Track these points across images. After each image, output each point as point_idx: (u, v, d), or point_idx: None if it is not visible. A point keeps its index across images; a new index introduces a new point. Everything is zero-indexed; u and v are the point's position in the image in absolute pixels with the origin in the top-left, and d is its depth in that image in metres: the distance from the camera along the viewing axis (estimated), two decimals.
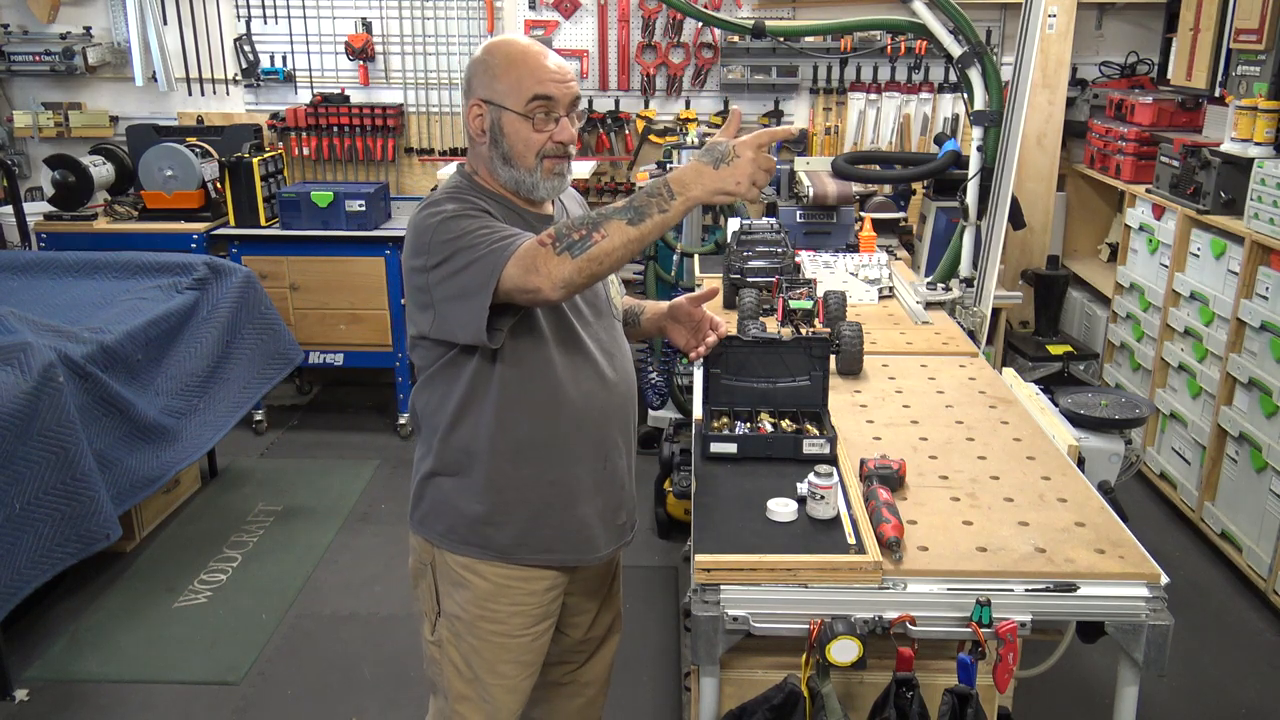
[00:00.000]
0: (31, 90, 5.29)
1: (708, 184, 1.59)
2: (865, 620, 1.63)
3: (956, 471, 2.02)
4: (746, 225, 3.26)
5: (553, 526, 1.90)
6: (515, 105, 1.76)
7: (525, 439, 1.84)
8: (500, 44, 1.81)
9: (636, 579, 3.55)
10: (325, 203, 4.46)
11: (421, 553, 1.97)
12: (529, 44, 1.80)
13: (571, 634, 2.17)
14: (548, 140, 1.79)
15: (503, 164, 1.81)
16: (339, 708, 2.93)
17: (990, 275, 3.05)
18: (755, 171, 1.58)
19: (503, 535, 1.88)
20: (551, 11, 5.07)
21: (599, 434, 1.91)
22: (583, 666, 2.24)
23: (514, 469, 1.85)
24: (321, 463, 4.51)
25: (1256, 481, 3.42)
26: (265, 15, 5.15)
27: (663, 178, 1.61)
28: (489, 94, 1.78)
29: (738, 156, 1.58)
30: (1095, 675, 2.99)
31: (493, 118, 1.79)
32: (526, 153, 1.79)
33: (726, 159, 1.58)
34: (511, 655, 1.96)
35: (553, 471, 1.88)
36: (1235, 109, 3.70)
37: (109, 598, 3.45)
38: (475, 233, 1.69)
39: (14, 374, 2.85)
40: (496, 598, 1.91)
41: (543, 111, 1.77)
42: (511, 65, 1.77)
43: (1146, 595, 1.65)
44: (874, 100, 5.11)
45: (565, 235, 1.61)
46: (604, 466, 1.94)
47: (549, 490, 1.88)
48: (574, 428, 1.87)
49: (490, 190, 1.85)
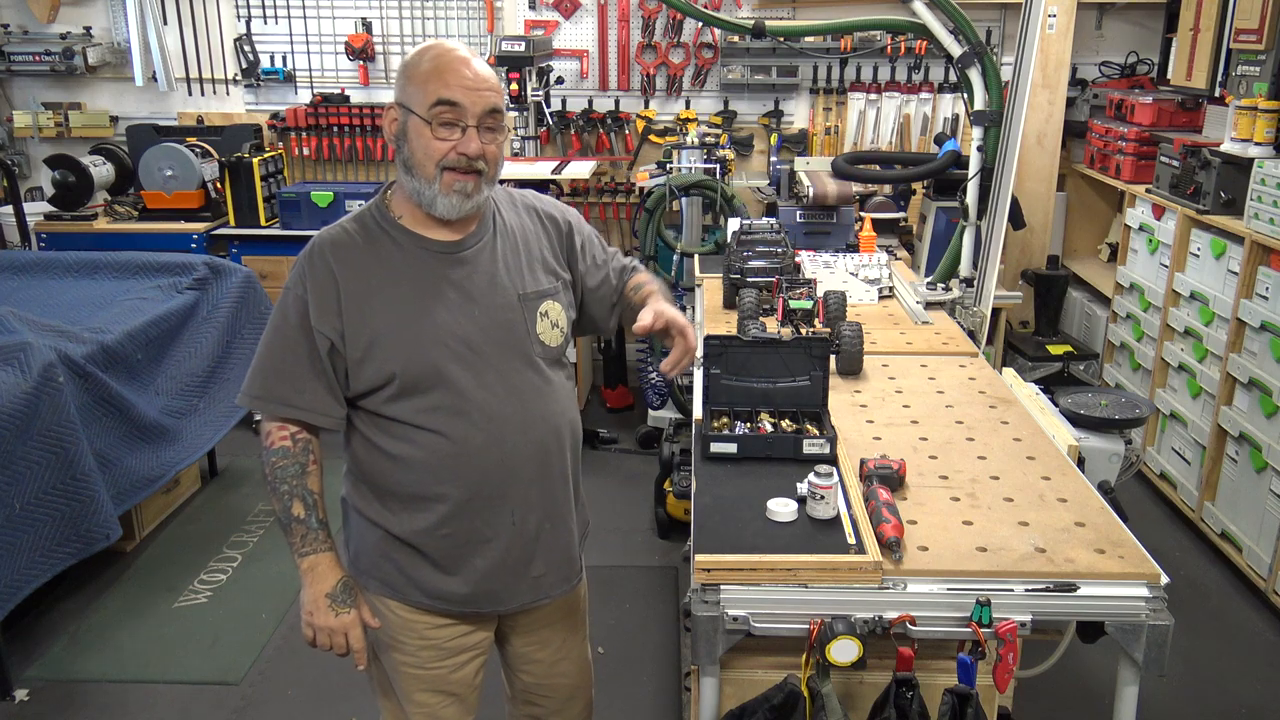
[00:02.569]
0: (31, 90, 5.30)
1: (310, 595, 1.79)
2: (865, 620, 1.63)
3: (956, 471, 2.02)
4: (746, 225, 3.26)
5: (453, 578, 1.81)
6: (419, 109, 1.67)
7: (415, 487, 1.77)
8: (425, 47, 1.71)
9: (636, 579, 3.56)
10: (325, 203, 4.46)
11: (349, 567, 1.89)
12: (453, 48, 1.69)
13: (524, 678, 2.08)
14: (451, 150, 1.67)
15: (405, 172, 1.72)
16: (339, 708, 2.93)
17: (990, 275, 3.05)
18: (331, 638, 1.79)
19: (408, 577, 1.82)
20: (551, 11, 5.07)
21: (503, 487, 1.78)
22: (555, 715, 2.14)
23: (405, 516, 1.79)
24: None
25: (1256, 481, 3.42)
26: (265, 15, 5.15)
27: (310, 552, 1.78)
28: (402, 96, 1.70)
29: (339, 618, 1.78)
30: (1095, 675, 2.99)
31: (402, 121, 1.70)
32: (426, 161, 1.68)
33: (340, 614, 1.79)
34: (426, 685, 1.91)
35: (447, 525, 1.78)
36: (1235, 109, 3.69)
37: (109, 598, 3.45)
38: (275, 339, 1.74)
39: (14, 374, 2.85)
40: (404, 630, 1.86)
41: (448, 118, 1.66)
42: (424, 69, 1.68)
43: (1146, 595, 1.65)
44: (874, 100, 5.11)
45: (271, 466, 1.76)
46: (510, 520, 1.80)
47: (448, 544, 1.79)
48: (465, 481, 1.75)
49: (397, 223, 1.75)
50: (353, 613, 1.78)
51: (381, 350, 1.70)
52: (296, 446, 1.75)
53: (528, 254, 1.86)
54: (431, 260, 1.75)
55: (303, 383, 1.72)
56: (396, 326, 1.71)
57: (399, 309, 1.71)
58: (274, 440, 1.75)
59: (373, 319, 1.70)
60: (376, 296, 1.71)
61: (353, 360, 1.72)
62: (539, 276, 1.85)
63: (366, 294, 1.71)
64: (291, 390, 1.72)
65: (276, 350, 1.74)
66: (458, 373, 1.73)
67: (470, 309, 1.75)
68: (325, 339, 1.70)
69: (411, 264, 1.74)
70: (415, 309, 1.72)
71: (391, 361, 1.70)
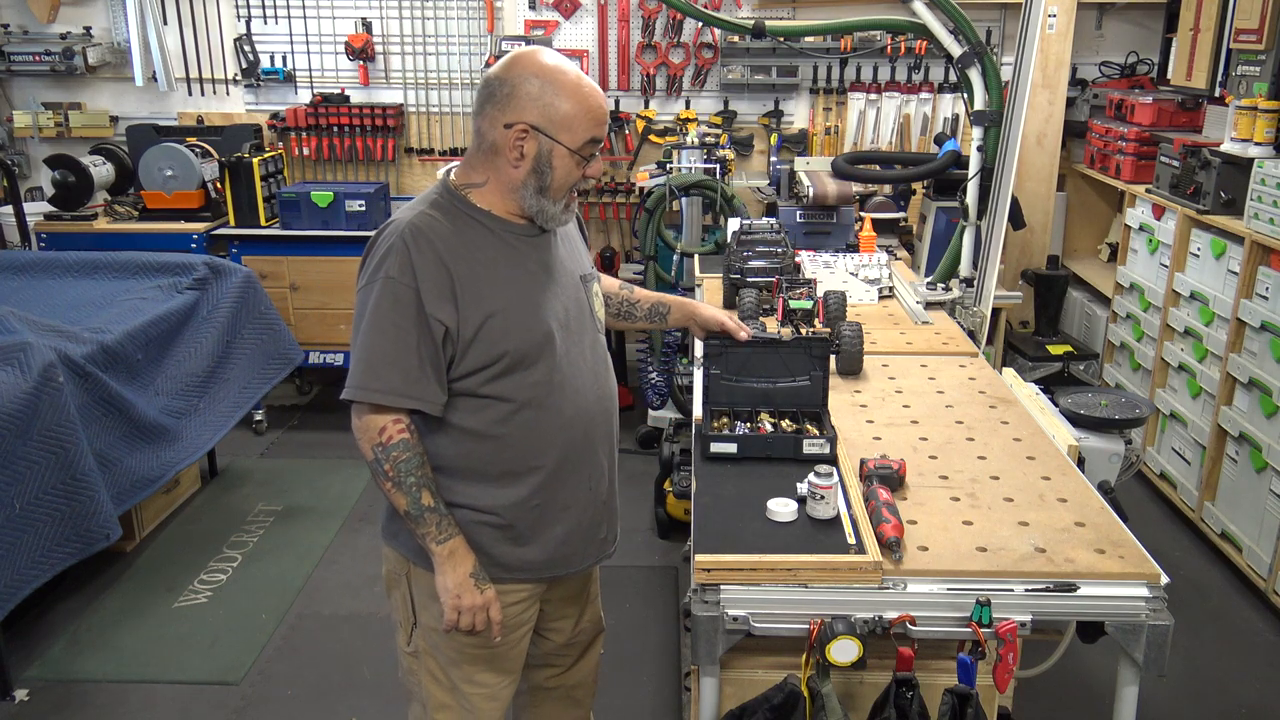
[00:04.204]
0: (31, 90, 5.30)
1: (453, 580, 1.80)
2: (865, 620, 1.63)
3: (956, 471, 2.02)
4: (746, 225, 3.26)
5: (531, 547, 1.88)
6: (570, 143, 1.74)
7: (513, 464, 1.82)
8: (557, 72, 1.73)
9: (636, 579, 3.56)
10: (325, 203, 4.46)
11: (396, 564, 1.94)
12: (583, 77, 1.76)
13: (553, 638, 2.15)
14: (582, 176, 1.80)
15: (535, 193, 1.77)
16: (339, 708, 2.93)
17: (990, 275, 3.05)
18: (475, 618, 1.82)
19: (487, 554, 1.85)
20: (551, 11, 5.07)
21: (584, 454, 1.89)
22: (569, 670, 2.23)
23: (500, 492, 1.83)
24: (321, 463, 4.50)
25: (1256, 481, 3.42)
26: (265, 15, 5.15)
27: (450, 537, 1.79)
28: (543, 124, 1.72)
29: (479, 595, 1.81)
30: (1095, 675, 2.99)
31: (542, 148, 1.74)
32: (563, 187, 1.78)
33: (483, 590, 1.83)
34: (489, 665, 1.96)
35: (538, 496, 1.85)
36: (1235, 109, 3.69)
37: (109, 598, 3.45)
38: (382, 328, 1.72)
39: (14, 374, 2.85)
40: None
41: (592, 152, 1.78)
42: (573, 101, 1.72)
43: (1146, 595, 1.65)
44: (874, 100, 5.11)
45: (391, 459, 1.74)
46: (588, 485, 1.92)
47: (534, 514, 1.86)
48: (557, 450, 1.84)
49: (480, 208, 1.80)
50: (491, 588, 1.84)
51: (494, 330, 1.75)
52: (413, 438, 1.77)
53: (574, 240, 2.00)
54: (518, 243, 1.82)
55: (417, 372, 1.73)
56: (507, 305, 1.76)
57: (507, 289, 1.77)
58: (391, 435, 1.75)
59: (485, 300, 1.75)
60: (484, 278, 1.76)
61: (463, 342, 1.75)
62: (587, 260, 2.01)
63: (475, 277, 1.75)
64: (407, 381, 1.73)
65: (386, 342, 1.72)
66: (557, 347, 1.82)
67: (554, 287, 1.85)
68: (440, 325, 1.72)
69: (503, 246, 1.80)
70: (520, 288, 1.79)
71: (505, 340, 1.76)
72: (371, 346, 1.73)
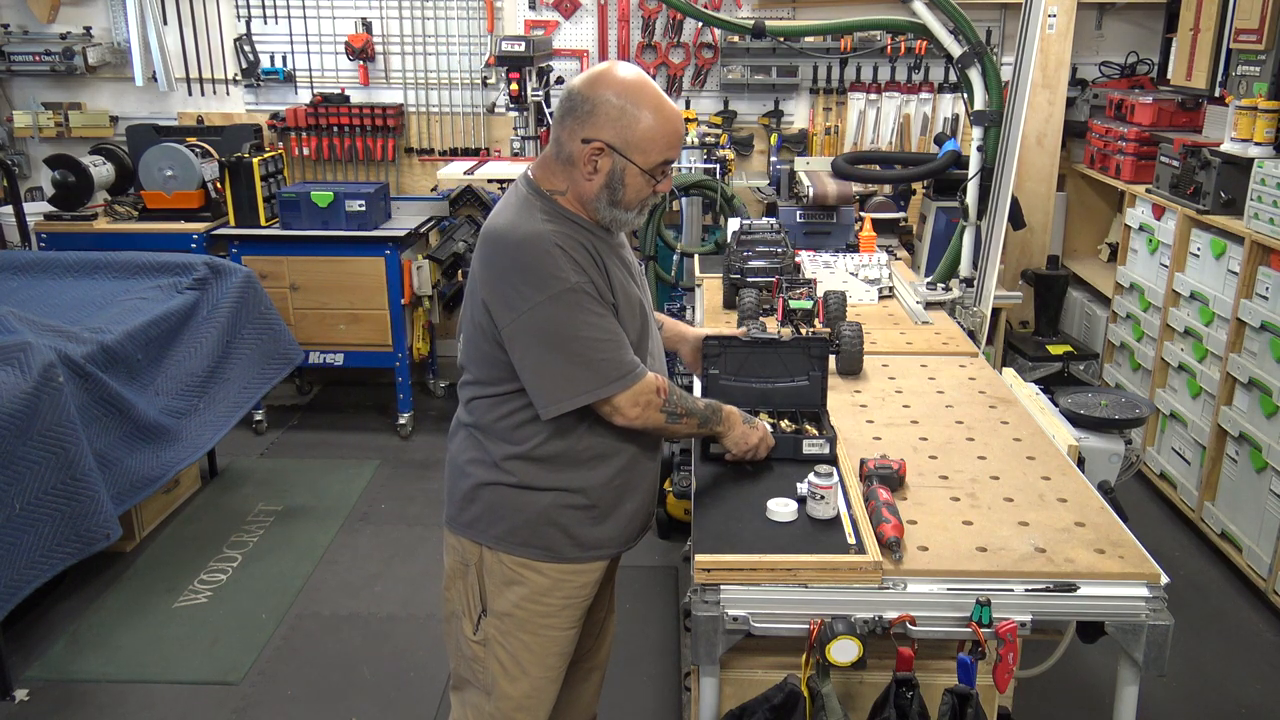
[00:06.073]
0: (31, 90, 5.30)
1: (739, 431, 2.00)
2: (865, 620, 1.63)
3: (956, 471, 2.02)
4: (746, 225, 3.26)
5: (607, 525, 1.97)
6: (644, 164, 1.81)
7: (603, 448, 1.91)
8: (638, 94, 1.79)
9: (637, 579, 3.56)
10: (325, 203, 4.46)
11: (465, 553, 1.99)
12: (664, 99, 1.82)
13: (593, 617, 2.23)
14: (653, 192, 1.87)
15: (608, 205, 1.85)
16: (339, 708, 2.93)
17: (990, 275, 3.05)
18: (762, 444, 2.03)
19: (570, 535, 1.93)
20: (551, 11, 5.07)
21: (652, 436, 1.99)
22: (595, 652, 2.32)
23: (589, 474, 1.91)
24: (321, 463, 4.51)
25: (1256, 481, 3.42)
26: (265, 15, 5.15)
27: (721, 410, 1.99)
28: (619, 143, 1.79)
29: (756, 429, 2.03)
30: (1095, 675, 2.99)
31: (616, 165, 1.81)
32: (635, 201, 1.86)
33: (754, 425, 2.03)
34: (558, 647, 2.02)
35: (620, 475, 1.94)
36: (1235, 109, 3.69)
37: (109, 598, 3.45)
38: (595, 326, 1.79)
39: (14, 374, 2.84)
40: (552, 592, 1.96)
41: (665, 172, 1.86)
42: (650, 124, 1.79)
43: (1146, 595, 1.65)
44: (874, 100, 5.11)
45: (672, 401, 1.89)
46: (653, 462, 2.03)
47: (614, 493, 1.96)
48: (640, 432, 1.92)
49: (573, 213, 1.88)
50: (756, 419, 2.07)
51: (620, 319, 1.86)
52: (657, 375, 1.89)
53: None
54: (604, 244, 1.89)
55: (630, 348, 1.86)
56: (624, 297, 1.88)
57: (619, 283, 1.88)
58: (657, 385, 1.86)
59: (613, 293, 1.86)
60: (605, 273, 1.85)
61: None
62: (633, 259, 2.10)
63: (602, 273, 1.84)
64: (632, 353, 1.85)
65: (602, 335, 1.81)
66: (650, 332, 1.98)
67: (636, 280, 1.98)
68: (613, 307, 1.85)
69: (599, 245, 1.87)
70: (621, 282, 1.89)
71: (624, 330, 1.87)
72: (595, 345, 1.80)
